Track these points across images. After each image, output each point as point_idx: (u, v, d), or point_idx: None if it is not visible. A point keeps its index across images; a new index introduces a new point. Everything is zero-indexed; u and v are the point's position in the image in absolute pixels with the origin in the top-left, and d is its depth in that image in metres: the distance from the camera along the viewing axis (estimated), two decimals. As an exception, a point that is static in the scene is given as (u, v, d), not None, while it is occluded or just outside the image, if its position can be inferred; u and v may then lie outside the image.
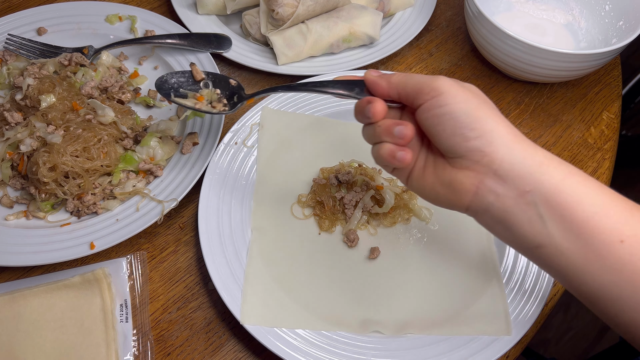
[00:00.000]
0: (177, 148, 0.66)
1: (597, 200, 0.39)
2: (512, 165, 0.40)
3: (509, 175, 0.40)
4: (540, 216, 0.39)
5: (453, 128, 0.41)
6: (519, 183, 0.39)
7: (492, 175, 0.40)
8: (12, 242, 0.59)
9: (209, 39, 0.75)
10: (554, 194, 0.39)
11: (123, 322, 0.56)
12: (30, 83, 0.66)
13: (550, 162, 0.40)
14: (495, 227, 0.42)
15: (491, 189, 0.40)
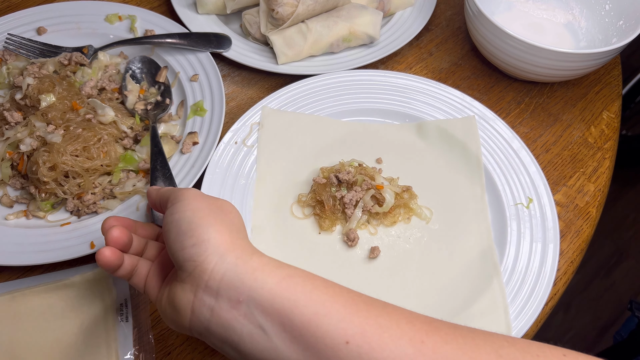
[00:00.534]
0: (177, 147, 0.66)
1: (317, 299, 0.36)
2: (223, 275, 0.37)
3: (220, 286, 0.37)
4: (261, 328, 0.36)
5: (176, 235, 0.40)
6: (232, 293, 0.37)
7: (204, 287, 0.38)
8: (12, 241, 0.59)
9: (208, 39, 0.75)
10: (270, 300, 0.36)
11: (123, 321, 0.56)
12: (30, 82, 0.66)
13: (266, 266, 0.38)
14: (224, 350, 0.39)
15: (205, 302, 0.38)
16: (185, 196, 0.42)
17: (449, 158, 0.67)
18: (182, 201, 0.41)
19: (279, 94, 0.70)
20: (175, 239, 0.40)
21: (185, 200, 0.41)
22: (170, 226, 0.41)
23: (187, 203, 0.41)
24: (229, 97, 0.75)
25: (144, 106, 0.70)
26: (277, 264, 0.39)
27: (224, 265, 0.38)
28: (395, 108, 0.70)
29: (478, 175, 0.65)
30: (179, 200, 0.42)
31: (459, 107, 0.70)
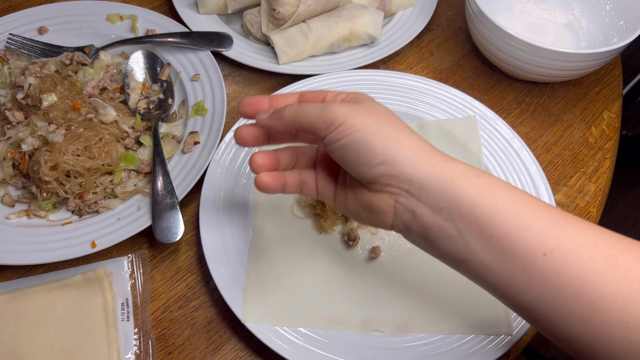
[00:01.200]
0: (178, 147, 0.66)
1: (517, 212, 0.38)
2: (422, 184, 0.39)
3: (421, 194, 0.39)
4: (459, 231, 0.39)
5: (356, 158, 0.40)
6: (433, 201, 0.39)
7: (406, 194, 0.40)
8: (13, 241, 0.59)
9: (210, 38, 0.75)
10: (470, 209, 0.38)
11: (124, 320, 0.56)
12: (32, 82, 0.67)
13: (463, 176, 0.39)
14: (421, 244, 0.42)
15: (407, 208, 0.40)
16: (341, 117, 0.40)
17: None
18: (343, 124, 0.40)
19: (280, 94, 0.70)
20: (357, 161, 0.40)
21: (346, 122, 0.40)
22: (343, 151, 0.41)
23: (352, 124, 0.40)
24: (230, 97, 0.75)
25: (146, 105, 0.70)
26: (474, 172, 0.40)
27: (420, 175, 0.39)
28: (396, 108, 0.70)
29: None
30: (338, 124, 0.41)
31: (460, 107, 0.70)
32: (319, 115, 0.41)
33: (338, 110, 0.41)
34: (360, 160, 0.40)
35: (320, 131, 0.41)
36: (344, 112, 0.41)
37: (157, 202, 0.60)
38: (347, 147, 0.40)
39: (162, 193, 0.61)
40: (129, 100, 0.70)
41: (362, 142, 0.40)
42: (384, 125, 0.41)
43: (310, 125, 0.42)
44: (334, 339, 0.54)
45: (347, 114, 0.41)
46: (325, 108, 0.41)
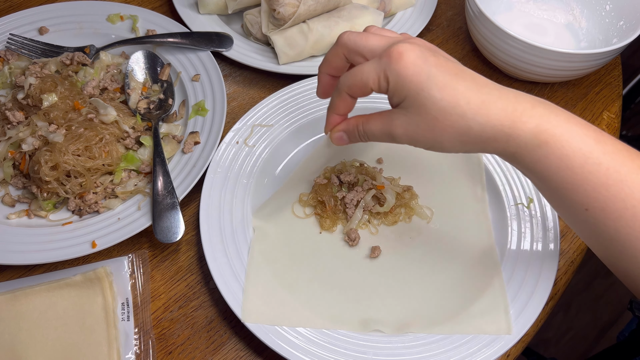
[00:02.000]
0: (178, 147, 0.66)
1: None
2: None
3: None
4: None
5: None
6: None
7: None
8: (13, 240, 0.59)
9: (210, 38, 0.76)
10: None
11: (124, 320, 0.56)
12: (32, 82, 0.67)
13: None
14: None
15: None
16: (403, 140, 0.46)
17: (449, 158, 0.67)
18: (405, 142, 0.46)
19: (280, 94, 0.70)
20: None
21: (408, 143, 0.46)
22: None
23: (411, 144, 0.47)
24: (231, 97, 0.75)
25: (146, 105, 0.70)
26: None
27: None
28: (396, 108, 0.70)
29: (479, 174, 0.65)
30: (402, 141, 0.47)
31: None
32: (387, 139, 0.48)
33: (402, 139, 0.47)
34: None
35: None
36: (408, 140, 0.47)
37: (157, 202, 0.60)
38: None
39: (162, 193, 0.61)
40: (130, 101, 0.70)
41: (440, 151, 0.47)
42: (444, 136, 0.45)
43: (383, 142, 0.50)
44: (333, 339, 0.54)
45: (412, 140, 0.47)
46: (389, 134, 0.47)
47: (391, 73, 0.44)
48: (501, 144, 0.44)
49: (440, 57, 0.45)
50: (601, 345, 1.45)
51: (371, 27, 0.50)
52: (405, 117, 0.46)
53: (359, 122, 0.50)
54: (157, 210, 0.60)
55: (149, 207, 0.61)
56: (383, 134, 0.48)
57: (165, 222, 0.59)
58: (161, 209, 0.60)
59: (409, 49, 0.44)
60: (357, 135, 0.50)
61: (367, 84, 0.46)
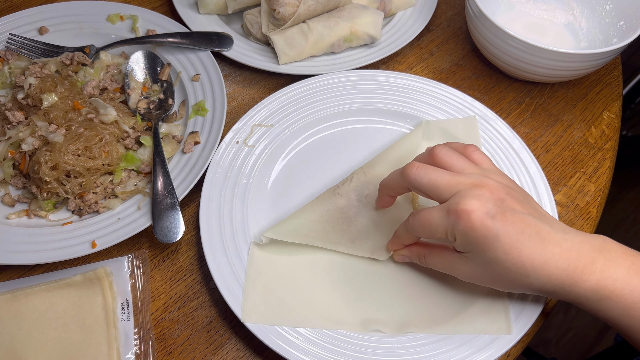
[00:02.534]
0: (178, 147, 0.66)
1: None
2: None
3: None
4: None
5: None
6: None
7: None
8: (13, 240, 0.59)
9: (210, 38, 0.75)
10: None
11: (124, 320, 0.56)
12: (32, 82, 0.67)
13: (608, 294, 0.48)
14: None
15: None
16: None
17: None
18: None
19: (280, 94, 0.70)
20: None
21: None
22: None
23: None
24: (230, 97, 0.75)
25: (146, 105, 0.70)
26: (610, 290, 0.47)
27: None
28: (396, 108, 0.70)
29: None
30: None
31: (460, 108, 0.70)
32: (443, 269, 0.54)
33: (459, 274, 0.52)
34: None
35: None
36: (463, 277, 0.52)
37: (157, 202, 0.60)
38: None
39: (162, 193, 0.61)
40: (129, 101, 0.70)
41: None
42: (504, 286, 0.51)
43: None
44: (333, 339, 0.54)
45: (465, 279, 0.52)
46: (449, 270, 0.53)
47: (458, 233, 0.47)
48: (561, 295, 0.48)
49: (507, 211, 0.47)
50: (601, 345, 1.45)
51: (438, 151, 0.52)
52: (469, 266, 0.50)
53: (421, 253, 0.56)
54: (157, 210, 0.60)
55: (148, 207, 0.61)
56: (444, 270, 0.54)
57: (165, 222, 0.59)
58: (161, 209, 0.60)
59: (477, 207, 0.46)
60: (418, 261, 0.57)
61: (435, 234, 0.50)
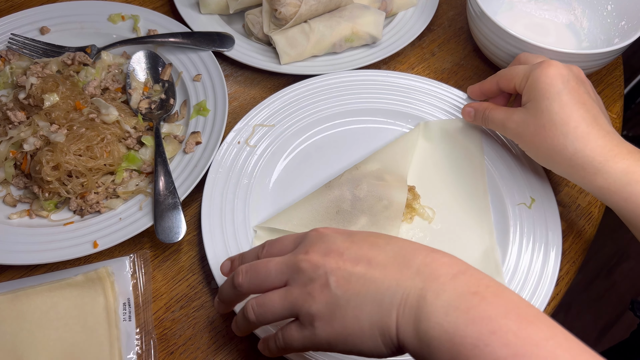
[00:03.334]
0: (180, 147, 0.66)
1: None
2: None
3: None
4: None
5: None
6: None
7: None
8: (15, 240, 0.59)
9: (211, 38, 0.75)
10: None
11: (126, 320, 0.56)
12: (34, 82, 0.67)
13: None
14: None
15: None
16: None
17: (451, 158, 0.67)
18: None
19: (282, 94, 0.70)
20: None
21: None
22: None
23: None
24: (232, 97, 0.75)
25: (148, 105, 0.70)
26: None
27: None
28: (398, 108, 0.70)
29: (480, 175, 0.65)
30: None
31: (461, 107, 0.70)
32: (500, 128, 0.59)
33: (511, 132, 0.57)
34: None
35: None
36: (514, 135, 0.58)
37: (158, 202, 0.60)
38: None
39: (164, 193, 0.61)
40: (131, 101, 0.70)
41: (534, 156, 0.58)
42: (541, 146, 0.53)
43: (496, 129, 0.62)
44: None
45: (517, 137, 0.57)
46: (503, 126, 0.58)
47: (532, 75, 0.54)
48: (588, 174, 0.49)
49: (581, 87, 0.53)
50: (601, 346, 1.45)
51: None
52: (522, 115, 0.54)
53: (487, 107, 0.60)
54: (158, 210, 0.60)
55: (150, 207, 0.61)
56: (499, 123, 0.57)
57: (166, 222, 0.59)
58: (163, 209, 0.60)
59: (560, 67, 0.53)
60: (481, 116, 0.61)
61: (513, 78, 0.56)
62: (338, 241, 0.42)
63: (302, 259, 0.42)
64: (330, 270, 0.40)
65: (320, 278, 0.40)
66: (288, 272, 0.42)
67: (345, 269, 0.40)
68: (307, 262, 0.41)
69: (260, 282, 0.43)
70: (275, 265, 0.43)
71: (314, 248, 0.42)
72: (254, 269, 0.44)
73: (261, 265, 0.44)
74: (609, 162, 0.49)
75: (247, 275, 0.44)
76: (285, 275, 0.42)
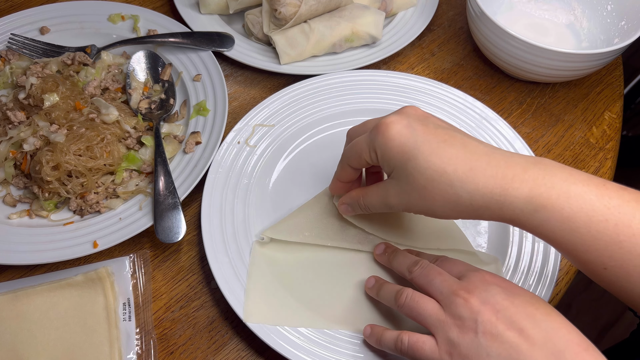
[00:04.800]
0: (180, 147, 0.66)
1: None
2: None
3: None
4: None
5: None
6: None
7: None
8: (15, 240, 0.59)
9: (211, 38, 0.75)
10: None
11: (126, 320, 0.56)
12: (34, 82, 0.67)
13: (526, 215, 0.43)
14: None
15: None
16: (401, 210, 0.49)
17: None
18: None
19: (282, 94, 0.70)
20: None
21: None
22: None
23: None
24: (232, 97, 0.75)
25: (148, 105, 0.70)
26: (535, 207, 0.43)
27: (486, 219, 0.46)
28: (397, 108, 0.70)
29: None
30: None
31: (461, 108, 0.70)
32: (386, 209, 0.51)
33: (399, 207, 0.49)
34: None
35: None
36: (404, 208, 0.48)
37: (158, 202, 0.60)
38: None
39: (163, 193, 0.61)
40: (131, 101, 0.70)
41: (439, 218, 0.48)
42: (436, 204, 0.46)
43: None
44: (335, 339, 0.54)
45: (407, 208, 0.48)
46: (386, 205, 0.50)
47: (378, 146, 0.47)
48: (495, 211, 0.43)
49: (430, 125, 0.46)
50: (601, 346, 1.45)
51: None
52: (398, 187, 0.47)
53: (359, 195, 0.53)
54: (158, 210, 0.60)
55: (150, 207, 0.61)
56: (381, 205, 0.50)
57: (166, 222, 0.59)
58: (162, 209, 0.60)
59: (396, 120, 0.46)
60: (358, 206, 0.54)
61: (361, 156, 0.49)
62: (498, 297, 0.44)
63: (462, 297, 0.45)
64: (482, 321, 0.43)
65: (470, 321, 0.43)
66: (447, 295, 0.46)
67: (496, 326, 0.42)
68: (465, 302, 0.44)
69: (426, 281, 0.48)
70: (443, 282, 0.47)
71: (475, 292, 0.45)
72: (429, 270, 0.49)
73: (435, 272, 0.48)
74: (508, 191, 0.42)
75: (422, 269, 0.49)
76: (443, 295, 0.46)
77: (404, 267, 0.52)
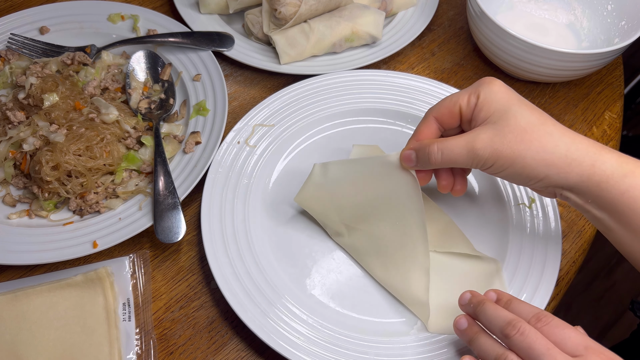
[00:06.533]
0: (179, 147, 0.66)
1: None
2: (573, 188, 0.47)
3: (572, 192, 0.48)
4: (602, 218, 0.48)
5: (516, 181, 0.50)
6: (583, 196, 0.48)
7: (561, 191, 0.49)
8: (14, 240, 0.59)
9: (211, 37, 0.75)
10: (612, 205, 0.46)
11: (126, 320, 0.56)
12: (33, 82, 0.66)
13: (610, 180, 0.46)
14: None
15: (563, 196, 0.49)
16: (493, 158, 0.48)
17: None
18: (495, 163, 0.48)
19: (282, 94, 0.70)
20: (518, 182, 0.50)
21: (497, 162, 0.48)
22: (503, 176, 0.50)
23: (502, 164, 0.48)
24: (232, 97, 0.75)
25: (147, 105, 0.70)
26: (623, 173, 0.46)
27: (570, 183, 0.47)
28: (398, 108, 0.70)
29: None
30: (492, 163, 0.48)
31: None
32: (466, 157, 0.48)
33: (485, 153, 0.47)
34: (520, 182, 0.49)
35: (472, 167, 0.50)
36: (490, 154, 0.47)
37: (158, 202, 0.60)
38: (504, 177, 0.49)
39: (163, 193, 0.61)
40: (131, 100, 0.70)
41: (517, 174, 0.48)
42: (530, 150, 0.46)
43: (460, 165, 0.49)
44: (335, 339, 0.54)
45: (494, 155, 0.47)
46: (470, 150, 0.48)
47: (482, 90, 0.49)
48: (586, 168, 0.46)
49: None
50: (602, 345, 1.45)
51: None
52: (492, 130, 0.47)
53: (434, 141, 0.50)
54: (158, 210, 0.60)
55: (150, 207, 0.61)
56: (462, 150, 0.48)
57: (166, 222, 0.59)
58: (162, 209, 0.60)
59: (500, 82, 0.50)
60: (430, 154, 0.50)
61: (457, 102, 0.50)
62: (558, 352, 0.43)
63: (521, 332, 0.44)
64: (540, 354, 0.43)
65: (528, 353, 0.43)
66: (504, 326, 0.45)
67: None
68: (522, 338, 0.44)
69: (529, 354, 0.44)
70: (502, 315, 0.46)
71: (532, 330, 0.44)
72: (531, 341, 0.44)
73: (541, 346, 0.44)
74: (602, 151, 0.46)
75: (522, 337, 0.44)
76: (504, 328, 0.45)
77: (495, 326, 0.46)
